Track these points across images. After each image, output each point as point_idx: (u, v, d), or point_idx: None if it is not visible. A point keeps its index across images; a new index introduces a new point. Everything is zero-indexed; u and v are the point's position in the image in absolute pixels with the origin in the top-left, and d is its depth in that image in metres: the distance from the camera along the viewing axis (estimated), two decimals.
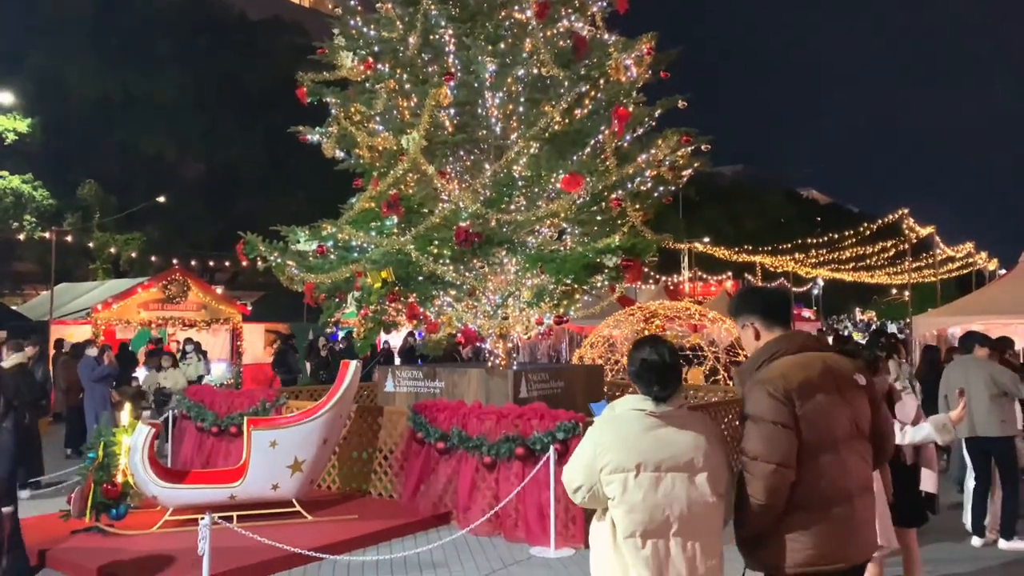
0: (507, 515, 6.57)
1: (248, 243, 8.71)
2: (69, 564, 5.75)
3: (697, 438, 2.67)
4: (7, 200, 25.58)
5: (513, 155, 8.21)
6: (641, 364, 2.74)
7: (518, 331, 8.85)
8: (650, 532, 2.59)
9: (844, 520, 2.60)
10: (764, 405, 2.60)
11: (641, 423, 2.67)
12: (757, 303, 2.91)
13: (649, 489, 2.60)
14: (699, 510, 2.61)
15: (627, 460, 2.62)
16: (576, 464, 2.74)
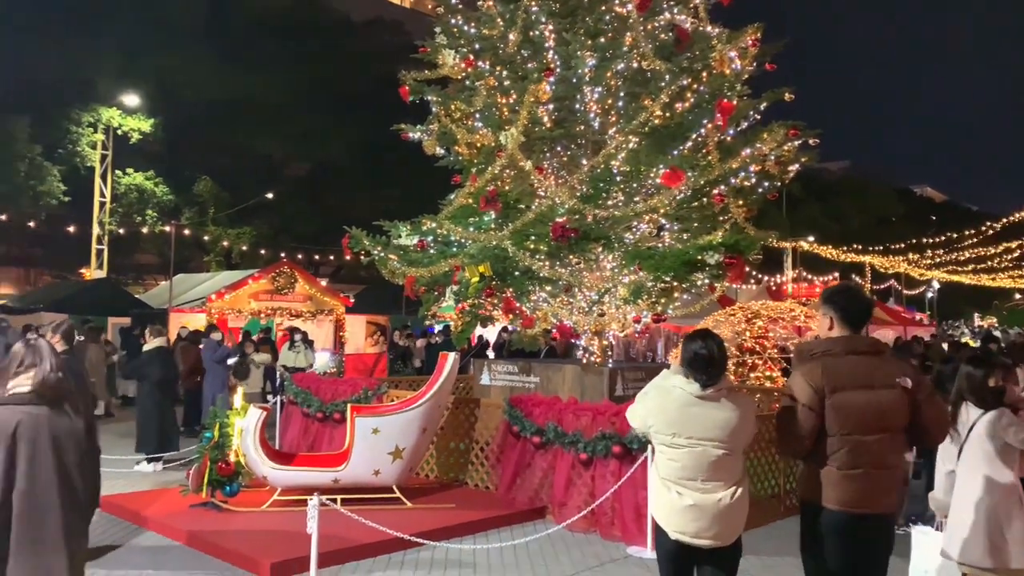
0: (603, 512, 6.55)
1: (353, 237, 8.99)
2: (188, 535, 6.11)
3: (727, 416, 3.44)
4: (132, 196, 27.38)
5: (611, 150, 8.14)
6: (693, 355, 3.47)
7: (614, 328, 8.79)
8: (681, 481, 3.45)
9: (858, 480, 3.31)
10: (804, 392, 3.36)
11: (683, 400, 3.46)
12: (841, 302, 3.50)
13: (682, 451, 3.44)
14: (721, 464, 3.44)
15: (666, 428, 3.48)
16: (635, 412, 3.68)
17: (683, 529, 3.43)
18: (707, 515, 3.40)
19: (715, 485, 3.42)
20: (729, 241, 7.68)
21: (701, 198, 8.21)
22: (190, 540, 6.08)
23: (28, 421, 3.35)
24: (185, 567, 5.58)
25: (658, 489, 3.56)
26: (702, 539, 3.42)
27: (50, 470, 3.35)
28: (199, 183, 28.87)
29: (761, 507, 7.16)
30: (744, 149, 8.04)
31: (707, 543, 3.43)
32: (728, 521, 3.44)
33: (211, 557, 5.77)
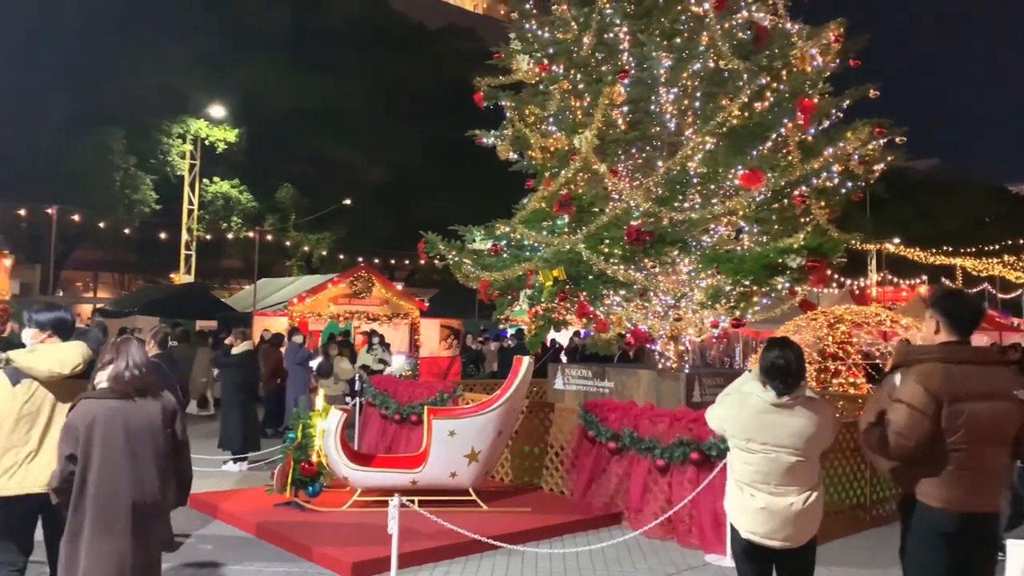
0: (680, 520, 6.45)
1: (429, 242, 9.12)
2: (274, 535, 6.31)
3: (803, 424, 3.50)
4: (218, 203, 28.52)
5: (688, 151, 8.02)
6: (770, 364, 3.53)
7: (690, 333, 8.65)
8: (754, 484, 3.54)
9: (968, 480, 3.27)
10: (917, 396, 3.25)
11: (759, 407, 3.53)
12: (949, 306, 3.42)
13: (756, 456, 3.53)
14: (795, 471, 3.51)
15: (741, 432, 3.58)
16: (713, 414, 3.80)
17: (754, 529, 3.53)
18: (778, 518, 3.49)
19: (788, 490, 3.50)
20: (811, 244, 7.47)
21: (782, 200, 7.99)
22: (274, 538, 6.27)
23: (104, 414, 3.59)
24: (270, 564, 5.77)
25: (732, 490, 3.67)
26: (773, 540, 3.52)
27: (123, 459, 3.58)
28: (281, 190, 29.86)
29: (845, 517, 6.92)
30: (826, 148, 7.80)
31: (778, 544, 3.52)
32: (799, 524, 3.51)
33: (294, 555, 5.94)
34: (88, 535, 3.53)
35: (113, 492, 3.57)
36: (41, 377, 4.03)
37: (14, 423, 4.00)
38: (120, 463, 3.59)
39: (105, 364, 3.72)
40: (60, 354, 4.07)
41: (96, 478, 3.56)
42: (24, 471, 4.00)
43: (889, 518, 7.38)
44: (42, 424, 4.04)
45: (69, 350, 4.12)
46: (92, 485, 3.56)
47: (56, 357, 4.05)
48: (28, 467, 4.00)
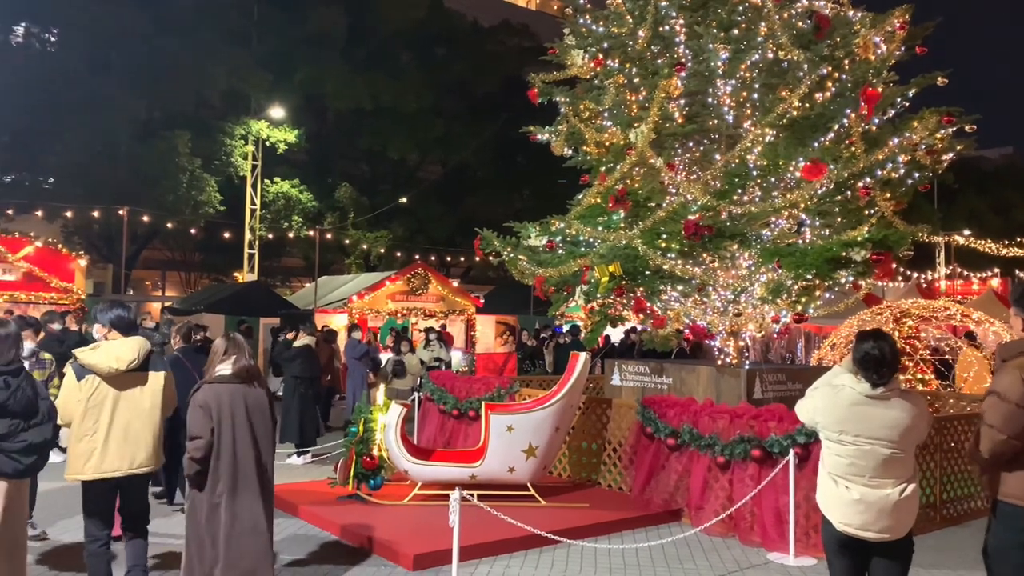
0: (742, 517, 6.38)
1: (484, 239, 9.18)
2: (337, 527, 6.47)
3: (898, 417, 3.46)
4: (279, 203, 29.20)
5: (747, 144, 7.89)
6: (865, 355, 3.49)
7: (751, 329, 8.52)
8: (848, 476, 3.51)
9: None
10: (1015, 389, 3.20)
11: (852, 399, 3.49)
12: None
13: (850, 448, 3.49)
14: (891, 463, 3.46)
15: (833, 425, 3.54)
16: (803, 407, 3.78)
17: (848, 521, 3.48)
18: (874, 509, 3.44)
19: (883, 482, 3.46)
20: (876, 236, 7.28)
21: (845, 192, 7.81)
22: (338, 530, 6.43)
23: (229, 396, 4.44)
24: (335, 556, 5.91)
25: (825, 482, 3.62)
26: (868, 532, 3.46)
27: (246, 432, 4.44)
28: (340, 189, 30.41)
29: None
30: (892, 139, 7.59)
31: (874, 536, 3.46)
32: (897, 515, 3.46)
33: (357, 547, 6.08)
34: (227, 496, 4.38)
35: (244, 459, 4.43)
36: (102, 373, 4.49)
37: (82, 414, 4.48)
38: (246, 435, 4.45)
39: (227, 355, 4.54)
40: (118, 351, 4.53)
41: (230, 448, 4.40)
42: (98, 458, 4.48)
43: (959, 518, 7.16)
44: (107, 414, 4.50)
45: (126, 347, 4.56)
46: (227, 454, 4.39)
47: (114, 354, 4.51)
48: (101, 454, 4.48)
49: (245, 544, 4.41)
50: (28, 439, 4.13)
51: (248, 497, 4.44)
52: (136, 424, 4.57)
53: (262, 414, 4.53)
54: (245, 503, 4.42)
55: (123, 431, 4.50)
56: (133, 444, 4.54)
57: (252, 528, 4.45)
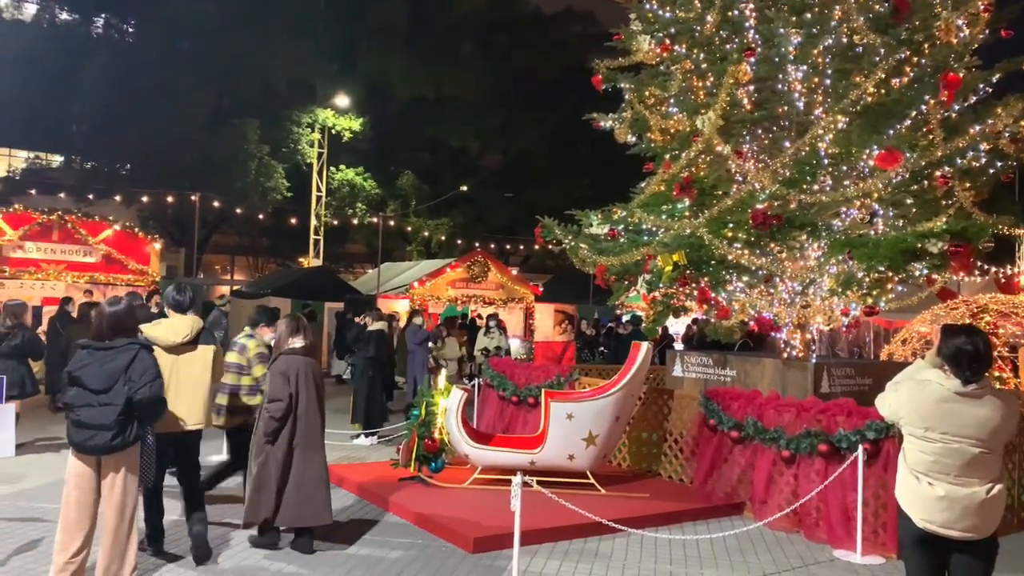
0: (807, 512, 6.25)
1: (545, 227, 9.16)
2: (399, 507, 6.59)
3: (988, 415, 3.34)
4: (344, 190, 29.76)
5: (818, 131, 7.66)
6: (956, 351, 3.37)
7: (819, 321, 8.31)
8: (931, 473, 3.40)
9: None
10: None
11: (939, 395, 3.38)
12: None
13: (935, 446, 3.37)
14: (978, 462, 3.35)
15: (918, 422, 3.43)
16: (885, 401, 3.66)
17: (931, 519, 3.39)
18: (958, 507, 3.35)
19: (969, 480, 3.37)
20: (954, 228, 6.99)
21: (921, 181, 7.53)
22: (399, 510, 6.55)
23: (303, 365, 5.44)
24: (396, 535, 6.03)
25: (905, 478, 3.53)
26: (952, 530, 3.37)
27: (314, 398, 5.44)
28: (402, 177, 30.79)
29: None
30: (973, 126, 7.28)
31: (957, 534, 3.37)
32: (983, 515, 3.37)
33: (418, 527, 6.19)
34: (300, 450, 5.36)
35: (313, 419, 5.43)
36: (162, 344, 5.12)
37: None
38: (314, 399, 5.43)
39: (295, 332, 5.55)
40: (175, 326, 5.29)
41: (303, 409, 5.37)
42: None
43: None
44: (166, 379, 4.90)
45: (182, 323, 5.32)
46: (301, 414, 5.37)
47: (172, 328, 5.27)
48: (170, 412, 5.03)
49: (313, 492, 5.35)
50: (81, 416, 4.29)
51: (315, 452, 5.42)
52: (187, 389, 5.18)
53: (321, 381, 5.55)
54: (313, 457, 5.40)
55: (176, 394, 5.07)
56: (186, 406, 5.14)
57: (318, 478, 5.41)
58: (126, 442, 4.34)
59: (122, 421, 4.30)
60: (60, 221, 15.45)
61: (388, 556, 5.51)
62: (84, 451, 4.34)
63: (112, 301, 4.74)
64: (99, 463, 4.41)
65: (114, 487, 4.41)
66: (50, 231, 15.32)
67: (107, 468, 4.41)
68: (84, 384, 4.31)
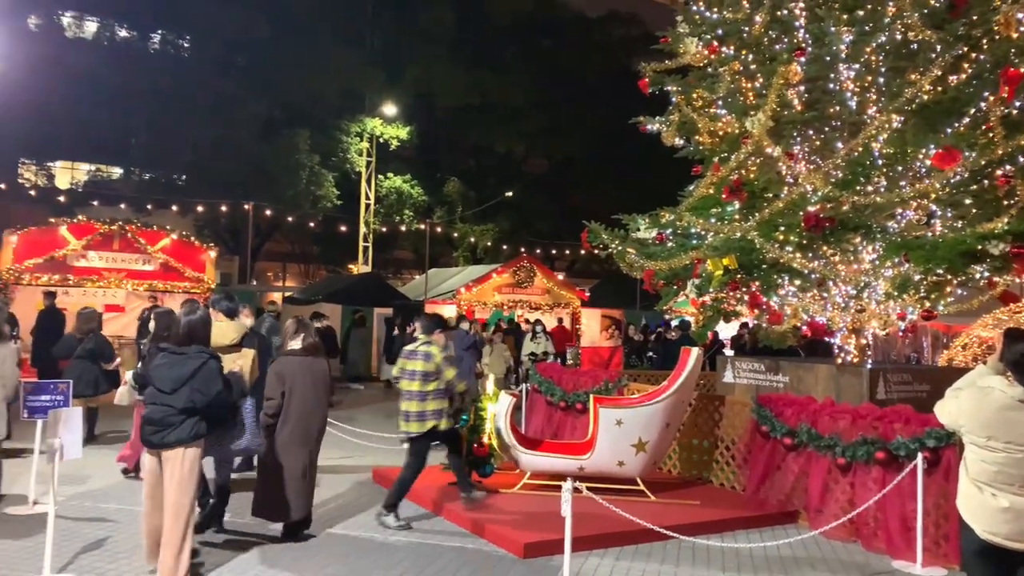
0: (865, 522, 6.11)
1: (592, 231, 9.14)
2: (449, 511, 6.64)
3: None
4: (391, 198, 30.13)
5: (872, 131, 7.49)
6: (1020, 356, 3.30)
7: (874, 326, 8.12)
8: (995, 483, 3.30)
9: None
10: None
11: (1001, 403, 3.29)
12: None
13: (998, 455, 3.28)
14: None
15: (980, 430, 3.34)
16: (945, 408, 3.58)
17: (994, 530, 3.31)
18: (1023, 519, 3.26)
19: None
20: (1017, 228, 6.78)
21: (981, 180, 7.31)
22: (449, 514, 6.60)
23: (300, 367, 5.74)
24: (446, 539, 6.07)
25: (967, 488, 3.45)
26: (1017, 543, 3.29)
27: (311, 396, 5.71)
28: (448, 184, 31.04)
29: None
30: None
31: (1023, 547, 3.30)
32: None
33: (468, 531, 6.22)
34: (289, 446, 5.62)
35: (306, 417, 5.69)
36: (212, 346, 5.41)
37: None
38: (309, 398, 5.69)
39: (296, 333, 5.85)
40: (223, 330, 5.86)
41: (296, 408, 5.65)
42: None
43: None
44: None
45: (231, 328, 5.95)
46: (294, 413, 5.66)
47: (221, 332, 5.81)
48: None
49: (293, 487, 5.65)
50: (149, 413, 4.70)
51: (306, 448, 5.70)
52: None
53: (322, 382, 5.83)
54: (303, 452, 5.68)
55: None
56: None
57: (303, 473, 5.67)
58: (180, 440, 4.64)
59: (179, 421, 4.64)
60: (121, 231, 15.99)
61: (439, 559, 5.55)
62: (149, 445, 4.75)
63: (189, 310, 5.14)
64: (160, 459, 4.71)
65: (171, 483, 4.65)
66: (111, 240, 15.87)
67: (167, 464, 4.69)
68: (155, 384, 4.73)
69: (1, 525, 6.01)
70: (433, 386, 6.38)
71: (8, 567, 5.09)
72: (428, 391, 6.37)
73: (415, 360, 6.43)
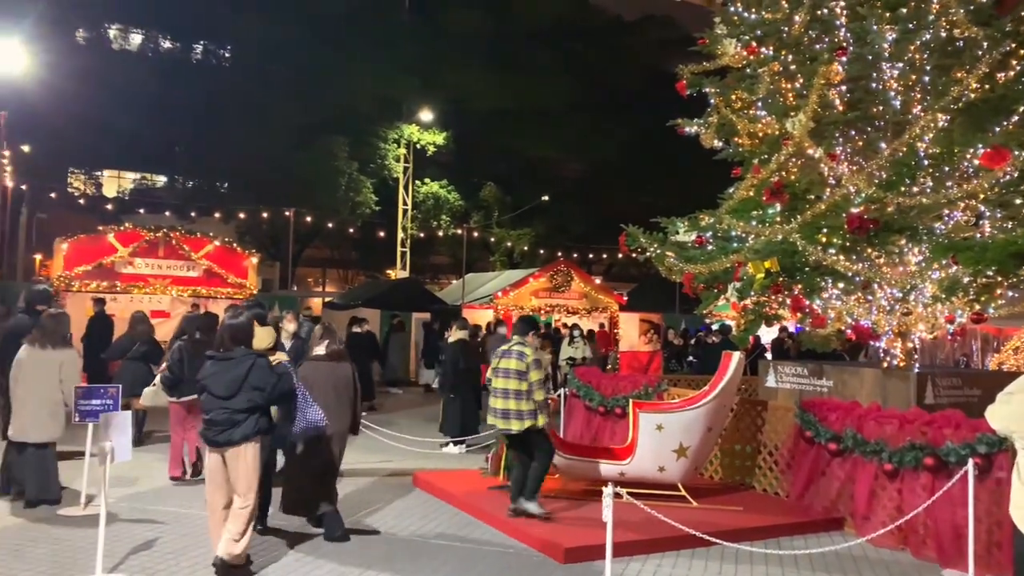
0: (914, 529, 5.97)
1: (630, 235, 9.10)
2: (489, 515, 6.66)
3: None
4: (429, 203, 30.37)
5: (917, 130, 7.35)
6: None
7: (921, 329, 7.95)
8: None
9: None
10: None
11: None
12: None
13: None
14: None
15: None
16: (996, 413, 3.62)
17: None
18: None
19: None
20: None
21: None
22: (489, 519, 6.61)
23: (322, 371, 6.09)
24: (486, 543, 6.09)
25: (1021, 495, 3.43)
26: None
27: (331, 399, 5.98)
28: (484, 189, 31.19)
29: None
30: None
31: None
32: None
33: (508, 536, 6.23)
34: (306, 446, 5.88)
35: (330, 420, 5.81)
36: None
37: None
38: (330, 401, 5.93)
39: (321, 339, 6.19)
40: (258, 335, 5.96)
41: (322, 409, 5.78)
42: None
43: None
44: None
45: (266, 333, 6.17)
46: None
47: (258, 337, 5.91)
48: None
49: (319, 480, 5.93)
50: (212, 416, 5.05)
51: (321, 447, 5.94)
52: None
53: (345, 387, 6.12)
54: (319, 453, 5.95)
55: None
56: None
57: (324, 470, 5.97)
58: (245, 436, 5.03)
59: (243, 419, 5.02)
60: (166, 238, 16.34)
61: (480, 563, 5.57)
62: (215, 444, 5.07)
63: (233, 314, 5.47)
64: (224, 456, 5.06)
65: (238, 476, 5.03)
66: (157, 247, 16.22)
67: (232, 459, 5.05)
68: (211, 391, 5.06)
69: (56, 526, 6.18)
70: (526, 385, 6.48)
71: (63, 567, 5.24)
72: (524, 390, 6.46)
73: (509, 359, 6.54)
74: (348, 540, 5.94)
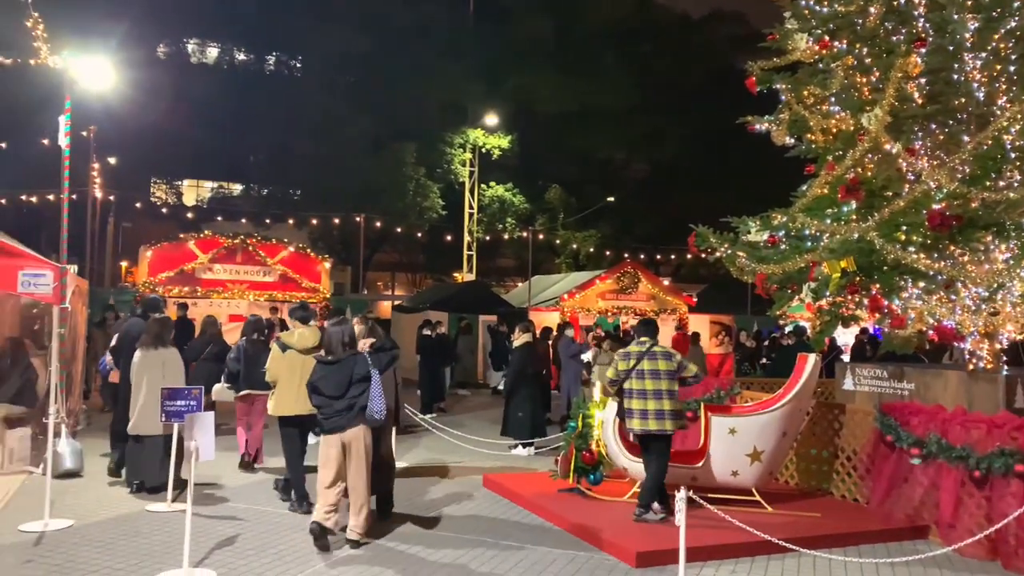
0: (1004, 539, 5.70)
1: (699, 235, 8.95)
2: (559, 518, 6.66)
3: None
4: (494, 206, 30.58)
5: (1002, 122, 7.03)
6: None
7: (1010, 330, 7.58)
8: None
9: None
10: None
11: None
12: None
13: None
14: None
15: None
16: None
17: None
18: None
19: None
20: None
21: None
22: (559, 521, 6.61)
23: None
24: (557, 545, 6.09)
25: None
26: None
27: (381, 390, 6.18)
28: (550, 191, 31.21)
29: None
30: None
31: None
32: None
33: (579, 539, 6.22)
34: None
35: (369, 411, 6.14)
36: (296, 348, 6.77)
37: (288, 374, 6.72)
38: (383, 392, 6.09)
39: (365, 336, 6.48)
40: (305, 335, 6.85)
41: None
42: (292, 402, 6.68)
43: None
44: (298, 375, 6.55)
45: (311, 333, 6.84)
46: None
47: (304, 337, 6.84)
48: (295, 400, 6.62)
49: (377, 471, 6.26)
50: (324, 412, 5.90)
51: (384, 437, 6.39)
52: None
53: (389, 379, 6.44)
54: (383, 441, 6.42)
55: (300, 386, 6.35)
56: (306, 396, 6.22)
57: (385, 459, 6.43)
58: (351, 422, 5.86)
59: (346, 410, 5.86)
60: (243, 244, 16.91)
61: (551, 566, 5.58)
62: (329, 432, 5.91)
63: (336, 321, 6.19)
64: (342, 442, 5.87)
65: (355, 456, 5.89)
66: (234, 254, 16.81)
67: (351, 443, 5.87)
68: (324, 392, 5.89)
69: (143, 522, 6.48)
70: (676, 384, 6.64)
71: (151, 561, 5.49)
72: (676, 389, 6.64)
73: (655, 360, 6.64)
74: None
